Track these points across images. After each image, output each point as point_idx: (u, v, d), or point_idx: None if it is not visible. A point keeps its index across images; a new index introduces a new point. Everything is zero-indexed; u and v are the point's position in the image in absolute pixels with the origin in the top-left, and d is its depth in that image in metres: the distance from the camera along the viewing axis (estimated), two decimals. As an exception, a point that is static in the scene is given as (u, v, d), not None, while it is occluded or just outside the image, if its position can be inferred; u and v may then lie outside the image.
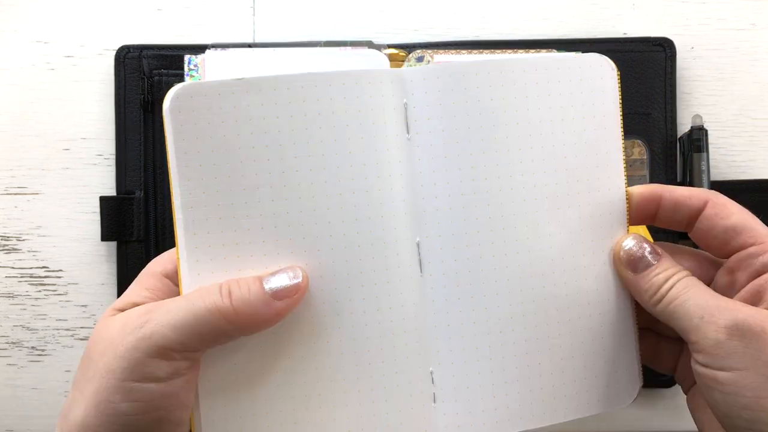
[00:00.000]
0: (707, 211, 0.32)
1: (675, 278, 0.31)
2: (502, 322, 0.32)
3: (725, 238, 0.32)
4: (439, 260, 0.32)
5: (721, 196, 0.33)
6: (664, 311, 0.31)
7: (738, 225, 0.31)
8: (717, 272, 0.33)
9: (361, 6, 0.52)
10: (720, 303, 0.29)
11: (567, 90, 0.33)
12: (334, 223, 0.31)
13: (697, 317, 0.29)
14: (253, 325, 0.29)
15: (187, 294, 0.30)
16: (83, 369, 0.30)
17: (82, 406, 0.29)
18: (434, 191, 0.32)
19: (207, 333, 0.28)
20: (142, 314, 0.29)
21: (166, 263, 0.33)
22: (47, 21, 0.52)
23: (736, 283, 0.32)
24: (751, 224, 0.31)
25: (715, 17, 0.52)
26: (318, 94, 0.31)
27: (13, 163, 0.51)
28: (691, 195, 0.33)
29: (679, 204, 0.33)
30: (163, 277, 0.32)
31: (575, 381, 0.33)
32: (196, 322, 0.28)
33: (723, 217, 0.32)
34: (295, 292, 0.30)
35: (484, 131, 0.32)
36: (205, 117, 0.30)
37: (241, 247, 0.30)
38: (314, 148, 0.31)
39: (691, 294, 0.30)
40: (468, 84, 0.32)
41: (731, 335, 0.28)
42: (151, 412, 0.28)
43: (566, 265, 0.33)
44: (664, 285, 0.31)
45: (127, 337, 0.28)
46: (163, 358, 0.28)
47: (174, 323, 0.28)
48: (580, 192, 0.33)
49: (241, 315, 0.28)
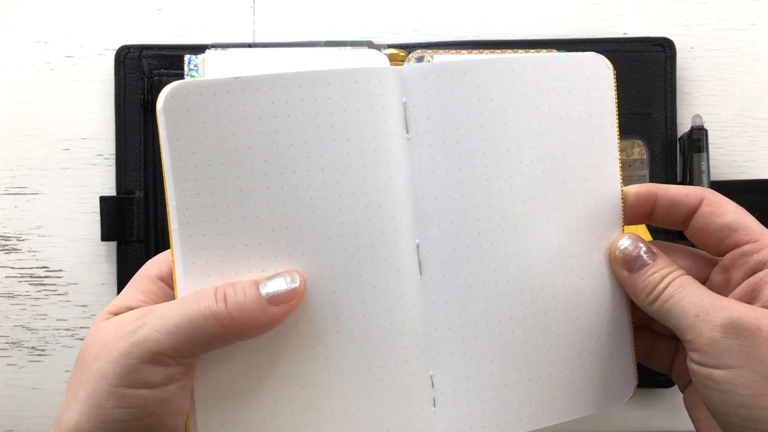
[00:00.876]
0: (702, 209, 0.32)
1: (670, 277, 0.31)
2: (501, 324, 0.32)
3: (720, 236, 0.32)
4: (439, 262, 0.32)
5: (716, 194, 0.33)
6: (660, 310, 0.31)
7: (733, 223, 0.31)
8: (712, 270, 0.33)
9: (361, 6, 0.52)
10: (715, 301, 0.30)
11: (565, 89, 0.33)
12: (333, 225, 0.30)
13: (692, 316, 0.29)
14: (249, 330, 0.29)
15: (181, 298, 0.29)
16: (77, 373, 0.29)
17: (75, 411, 0.28)
18: (434, 192, 0.32)
19: (202, 338, 0.28)
20: (136, 319, 0.28)
21: (161, 265, 0.32)
22: (47, 21, 0.52)
23: (731, 281, 0.32)
24: (746, 222, 0.32)
25: (715, 17, 0.52)
26: (316, 94, 0.30)
27: (13, 163, 0.51)
28: (686, 193, 0.33)
29: (674, 203, 0.33)
30: (157, 280, 0.32)
31: (573, 381, 0.33)
32: (190, 328, 0.27)
33: (718, 215, 0.32)
34: (292, 297, 0.29)
35: (485, 131, 0.32)
36: (200, 117, 0.29)
37: (238, 249, 0.30)
38: (312, 148, 0.30)
39: (686, 293, 0.30)
40: (468, 83, 0.32)
41: (726, 333, 0.28)
42: (145, 418, 0.28)
43: (564, 266, 0.33)
44: (659, 284, 0.31)
45: (120, 342, 0.28)
46: (156, 364, 0.27)
47: (168, 328, 0.27)
48: (577, 192, 0.33)
49: (237, 320, 0.28)
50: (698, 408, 0.32)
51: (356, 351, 0.31)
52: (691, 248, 0.35)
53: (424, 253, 0.32)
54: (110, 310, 0.30)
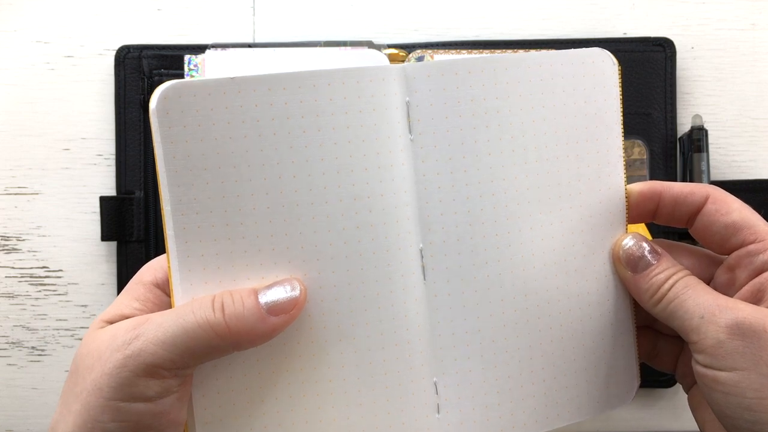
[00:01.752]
0: (707, 207, 0.32)
1: (675, 278, 0.31)
2: (506, 328, 0.32)
3: (725, 234, 0.31)
4: (443, 267, 0.31)
5: (721, 192, 0.32)
6: (664, 311, 0.30)
7: (738, 222, 0.31)
8: (717, 270, 0.33)
9: (361, 6, 0.52)
10: (720, 302, 0.29)
11: (570, 86, 0.32)
12: (335, 230, 0.30)
13: (697, 317, 0.29)
14: (248, 340, 0.28)
15: (177, 308, 0.28)
16: (71, 384, 0.28)
17: (69, 423, 0.28)
18: (438, 195, 0.31)
19: (198, 349, 0.27)
20: (131, 329, 0.27)
21: (157, 271, 0.31)
22: (47, 21, 0.52)
23: (736, 281, 0.31)
24: (751, 221, 0.31)
25: (715, 17, 0.52)
26: (317, 94, 0.29)
27: (13, 163, 0.51)
28: (691, 191, 0.32)
29: (678, 201, 0.32)
30: (153, 287, 0.31)
31: (577, 384, 0.33)
32: (186, 338, 0.27)
33: (723, 214, 0.31)
34: (292, 306, 0.28)
35: (490, 131, 0.31)
36: (195, 119, 0.28)
37: (236, 256, 0.29)
38: (313, 151, 0.29)
39: (691, 293, 0.30)
40: (473, 81, 0.31)
41: (732, 335, 0.28)
42: (141, 431, 0.27)
43: (568, 267, 0.32)
44: (664, 285, 0.31)
45: (114, 354, 0.27)
46: (152, 376, 0.27)
47: (164, 339, 0.27)
48: (581, 191, 0.33)
49: (235, 330, 0.27)
50: (703, 409, 0.32)
51: (359, 359, 0.30)
52: (695, 247, 0.34)
53: (427, 257, 0.31)
54: (104, 318, 0.30)
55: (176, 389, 0.28)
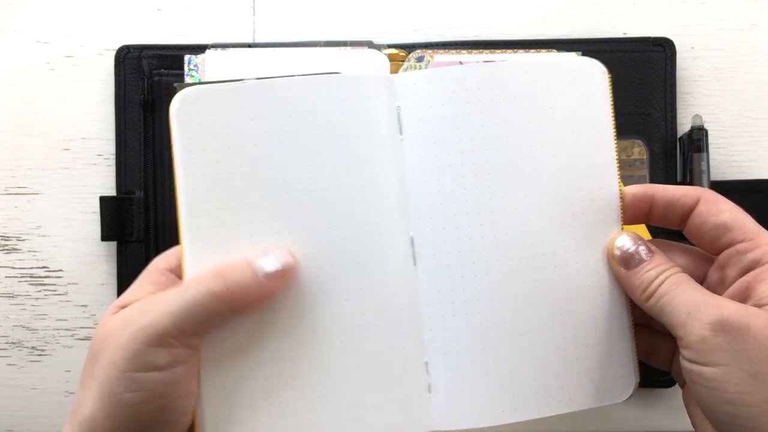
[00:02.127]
0: (699, 208, 0.33)
1: (665, 275, 0.31)
2: (495, 314, 0.33)
3: (716, 234, 0.32)
4: (432, 254, 0.34)
5: (713, 194, 0.33)
6: (654, 307, 0.31)
7: (728, 222, 0.32)
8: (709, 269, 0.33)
9: (361, 6, 0.52)
10: (707, 299, 0.30)
11: (558, 91, 0.34)
12: (332, 215, 0.33)
13: (684, 313, 0.30)
14: (248, 302, 0.31)
15: (182, 283, 0.31)
16: (88, 367, 0.30)
17: (89, 401, 0.29)
18: (426, 188, 0.34)
19: (204, 316, 0.29)
20: (141, 307, 0.30)
21: (171, 259, 0.33)
22: (47, 21, 0.52)
23: (726, 279, 0.32)
24: (741, 221, 0.32)
25: (715, 17, 0.52)
26: (317, 98, 0.33)
27: (13, 163, 0.51)
28: (683, 193, 0.33)
29: (671, 203, 0.33)
30: (167, 272, 0.33)
31: (569, 374, 0.34)
32: (192, 306, 0.29)
33: (714, 214, 0.32)
34: (285, 273, 0.31)
35: (475, 131, 0.33)
36: (211, 118, 0.32)
37: (242, 240, 0.32)
38: (313, 147, 0.33)
39: (679, 290, 0.31)
40: (459, 87, 0.33)
41: (716, 331, 0.29)
42: (155, 400, 0.29)
43: (557, 260, 0.34)
44: (654, 281, 0.32)
45: (126, 330, 0.29)
46: (162, 346, 0.29)
47: (170, 310, 0.29)
48: (573, 190, 0.34)
49: (235, 295, 0.30)
50: (694, 404, 0.32)
51: (353, 337, 0.33)
52: (689, 246, 0.35)
53: (418, 245, 0.34)
54: (118, 304, 0.31)
55: (186, 359, 0.30)
